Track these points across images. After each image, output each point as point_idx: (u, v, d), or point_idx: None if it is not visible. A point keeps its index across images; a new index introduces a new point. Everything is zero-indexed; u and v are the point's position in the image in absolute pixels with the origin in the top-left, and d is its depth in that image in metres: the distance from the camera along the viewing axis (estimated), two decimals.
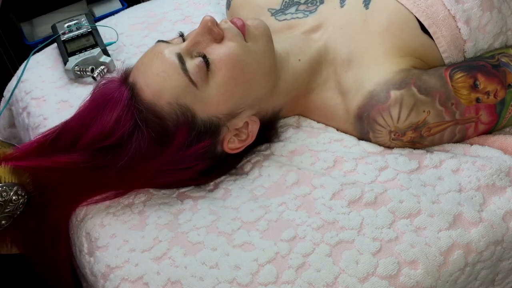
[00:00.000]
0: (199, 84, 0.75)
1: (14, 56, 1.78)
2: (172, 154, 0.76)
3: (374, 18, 0.83)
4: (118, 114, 0.74)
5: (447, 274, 0.68)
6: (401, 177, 0.75)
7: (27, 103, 1.03)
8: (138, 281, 0.69)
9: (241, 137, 0.80)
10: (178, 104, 0.75)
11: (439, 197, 0.72)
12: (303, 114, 0.89)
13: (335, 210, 0.72)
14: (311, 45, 0.86)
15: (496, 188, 0.74)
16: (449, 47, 0.80)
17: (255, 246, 0.70)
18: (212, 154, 0.80)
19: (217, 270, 0.68)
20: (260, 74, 0.79)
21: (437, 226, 0.70)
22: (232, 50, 0.76)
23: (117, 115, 0.74)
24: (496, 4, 0.82)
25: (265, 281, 0.67)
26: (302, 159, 0.81)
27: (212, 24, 0.76)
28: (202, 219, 0.75)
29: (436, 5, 0.80)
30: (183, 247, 0.71)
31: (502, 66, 0.79)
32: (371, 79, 0.79)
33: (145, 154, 0.75)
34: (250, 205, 0.76)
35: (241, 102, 0.78)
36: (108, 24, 1.17)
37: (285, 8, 0.93)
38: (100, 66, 1.04)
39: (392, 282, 0.66)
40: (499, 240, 0.70)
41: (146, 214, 0.77)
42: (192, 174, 0.80)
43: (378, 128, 0.78)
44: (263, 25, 0.80)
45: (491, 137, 0.81)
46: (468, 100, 0.77)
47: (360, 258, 0.67)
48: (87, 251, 0.76)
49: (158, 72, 0.75)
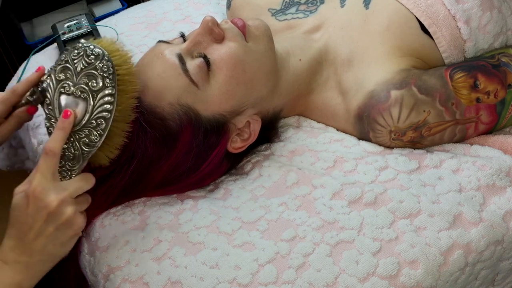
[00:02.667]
0: (200, 84, 0.75)
1: (14, 56, 1.78)
2: (179, 155, 0.76)
3: (374, 18, 0.83)
4: None
5: (447, 274, 0.68)
6: (401, 177, 0.75)
7: None
8: (138, 281, 0.69)
9: (243, 136, 0.80)
10: (180, 104, 0.75)
11: (439, 197, 0.72)
12: (304, 114, 0.89)
13: (335, 210, 0.72)
14: (311, 45, 0.86)
15: (496, 188, 0.74)
16: (449, 47, 0.80)
17: (255, 246, 0.70)
18: (227, 154, 0.80)
19: (217, 270, 0.68)
20: (261, 73, 0.79)
21: (437, 226, 0.70)
22: (233, 50, 0.76)
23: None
24: (496, 4, 0.82)
25: (265, 281, 0.67)
26: (302, 159, 0.81)
27: (212, 24, 0.76)
28: (203, 219, 0.75)
29: (436, 5, 0.80)
30: (183, 247, 0.71)
31: (502, 66, 0.79)
32: (372, 79, 0.79)
33: (152, 156, 0.75)
34: (250, 205, 0.76)
35: (243, 100, 0.78)
36: (108, 24, 1.17)
37: (286, 8, 0.93)
38: None
39: (392, 282, 0.66)
40: (499, 240, 0.70)
41: (146, 214, 0.77)
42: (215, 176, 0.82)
43: (378, 128, 0.78)
44: (264, 25, 0.80)
45: (491, 137, 0.81)
46: (468, 100, 0.77)
47: (360, 258, 0.67)
48: (88, 251, 0.76)
49: (159, 73, 0.75)
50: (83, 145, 0.68)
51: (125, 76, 0.70)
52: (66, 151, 0.68)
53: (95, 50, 0.69)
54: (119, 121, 0.69)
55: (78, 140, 0.68)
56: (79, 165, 0.68)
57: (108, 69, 0.68)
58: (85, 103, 0.68)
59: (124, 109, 0.70)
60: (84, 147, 0.68)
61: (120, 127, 0.70)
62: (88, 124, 0.68)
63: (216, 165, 0.79)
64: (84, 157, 0.68)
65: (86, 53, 0.69)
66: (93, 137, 0.68)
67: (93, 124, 0.68)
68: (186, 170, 0.77)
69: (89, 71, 0.69)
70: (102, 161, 0.71)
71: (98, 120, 0.68)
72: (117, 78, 0.69)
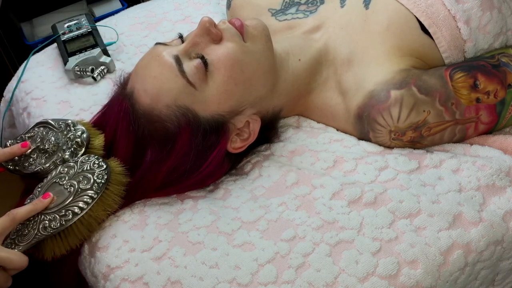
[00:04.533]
0: (197, 85, 0.75)
1: (14, 56, 1.78)
2: (178, 156, 0.76)
3: (374, 18, 0.83)
4: (121, 127, 0.77)
5: (447, 274, 0.68)
6: (401, 177, 0.75)
7: (27, 103, 1.03)
8: (138, 281, 0.69)
9: (243, 136, 0.80)
10: (177, 105, 0.75)
11: (439, 197, 0.72)
12: (303, 114, 0.89)
13: (335, 210, 0.72)
14: (311, 45, 0.86)
15: (496, 188, 0.74)
16: (449, 47, 0.80)
17: (255, 246, 0.70)
18: (228, 154, 0.80)
19: (217, 270, 0.68)
20: (260, 73, 0.79)
21: (437, 226, 0.70)
22: (230, 51, 0.76)
23: (121, 128, 0.77)
24: (496, 4, 0.82)
25: (265, 281, 0.67)
26: (302, 159, 0.81)
27: (210, 25, 0.76)
28: (202, 219, 0.75)
29: (436, 5, 0.80)
30: (183, 247, 0.71)
31: (502, 66, 0.79)
32: (371, 79, 0.79)
33: (151, 159, 0.75)
34: (250, 205, 0.76)
35: (242, 100, 0.78)
36: (108, 24, 1.17)
37: (286, 8, 0.93)
38: (100, 66, 1.04)
39: (392, 282, 0.66)
40: (499, 240, 0.70)
41: (146, 214, 0.77)
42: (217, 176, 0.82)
43: (378, 128, 0.78)
44: (262, 25, 0.80)
45: (491, 137, 0.81)
46: (468, 100, 0.77)
47: (360, 258, 0.67)
48: (88, 252, 0.76)
49: (156, 75, 0.75)
50: (41, 228, 0.71)
51: (112, 194, 0.74)
52: (26, 226, 0.71)
53: (102, 163, 0.74)
54: (83, 224, 0.72)
55: (40, 221, 0.71)
56: (25, 243, 0.71)
57: (102, 178, 0.73)
58: (67, 195, 0.73)
59: (93, 217, 0.73)
60: (41, 230, 0.71)
61: (80, 229, 0.73)
62: (57, 212, 0.71)
63: (216, 165, 0.79)
64: (34, 239, 0.71)
65: (94, 162, 0.75)
66: (53, 224, 0.71)
67: (62, 213, 0.71)
68: (186, 171, 0.77)
69: (87, 174, 0.74)
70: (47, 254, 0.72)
71: (67, 212, 0.71)
72: (104, 191, 0.73)
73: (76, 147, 0.78)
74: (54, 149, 0.79)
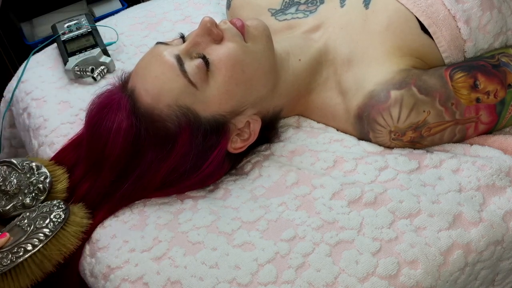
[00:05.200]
0: (198, 85, 0.75)
1: (14, 56, 1.78)
2: (178, 156, 0.76)
3: (374, 18, 0.83)
4: (120, 126, 0.75)
5: (447, 274, 0.68)
6: (401, 177, 0.75)
7: (27, 103, 1.03)
8: (138, 281, 0.69)
9: (243, 136, 0.80)
10: (178, 105, 0.75)
11: (439, 197, 0.72)
12: (303, 114, 0.89)
13: (335, 210, 0.72)
14: (311, 45, 0.86)
15: (496, 188, 0.74)
16: (449, 47, 0.80)
17: (255, 246, 0.70)
18: (228, 154, 0.80)
19: (217, 270, 0.68)
20: (261, 73, 0.79)
21: (437, 226, 0.70)
22: (231, 51, 0.76)
23: (119, 126, 0.75)
24: (496, 4, 0.82)
25: (265, 281, 0.67)
26: (302, 159, 0.81)
27: (211, 25, 0.76)
28: (202, 219, 0.75)
29: (436, 5, 0.80)
30: (183, 247, 0.71)
31: (502, 66, 0.79)
32: (371, 79, 0.79)
33: (151, 159, 0.75)
34: (250, 205, 0.76)
35: (243, 100, 0.78)
36: (108, 24, 1.17)
37: (286, 8, 0.93)
38: (100, 66, 1.04)
39: (392, 282, 0.66)
40: (499, 240, 0.70)
41: (146, 214, 0.77)
42: (217, 177, 0.82)
43: (378, 128, 0.78)
44: (263, 25, 0.80)
45: (491, 137, 0.81)
46: (468, 100, 0.77)
47: (360, 258, 0.67)
48: (89, 253, 0.76)
49: (157, 75, 0.75)
50: None
51: (69, 234, 0.73)
52: None
53: (62, 205, 0.74)
54: (35, 263, 0.71)
55: None
56: None
57: (59, 217, 0.72)
58: (22, 234, 0.71)
59: (47, 256, 0.71)
60: None
61: (32, 268, 0.71)
62: (10, 249, 0.70)
63: (217, 165, 0.79)
64: None
65: (55, 205, 0.74)
66: (4, 261, 0.69)
67: (14, 250, 0.70)
68: (186, 171, 0.77)
69: (46, 214, 0.73)
70: None
71: (19, 249, 0.70)
72: (61, 230, 0.72)
73: (38, 193, 0.78)
74: (15, 191, 0.78)
